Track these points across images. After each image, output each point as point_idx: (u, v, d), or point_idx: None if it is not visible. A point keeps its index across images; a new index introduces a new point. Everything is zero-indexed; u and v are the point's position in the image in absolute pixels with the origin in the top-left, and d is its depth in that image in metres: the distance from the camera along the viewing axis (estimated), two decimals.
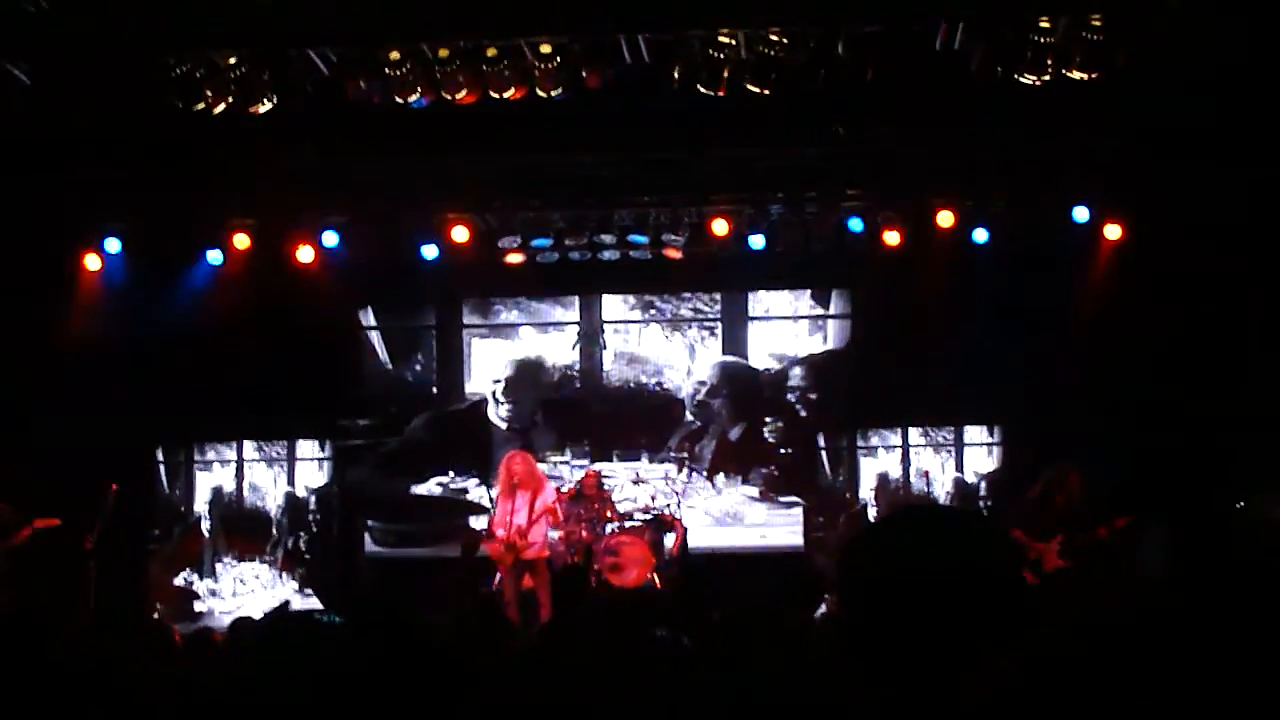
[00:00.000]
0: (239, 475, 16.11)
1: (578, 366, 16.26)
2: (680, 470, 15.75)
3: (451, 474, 15.76)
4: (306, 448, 16.16)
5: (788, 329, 16.26)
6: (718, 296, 16.17)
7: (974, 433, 15.88)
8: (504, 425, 15.99)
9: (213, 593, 15.77)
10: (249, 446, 16.21)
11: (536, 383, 16.05)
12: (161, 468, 16.14)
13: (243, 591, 15.72)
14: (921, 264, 15.02)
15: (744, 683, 3.63)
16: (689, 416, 15.98)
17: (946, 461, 15.85)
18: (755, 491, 15.85)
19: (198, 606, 15.70)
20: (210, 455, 16.18)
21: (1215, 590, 3.31)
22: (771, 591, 13.56)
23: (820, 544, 15.56)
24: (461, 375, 16.17)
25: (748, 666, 4.03)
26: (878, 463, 15.90)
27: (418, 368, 16.22)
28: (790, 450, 15.92)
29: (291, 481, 16.04)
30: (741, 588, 14.76)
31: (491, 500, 14.54)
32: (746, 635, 6.32)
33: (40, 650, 3.53)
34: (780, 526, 15.79)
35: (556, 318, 16.26)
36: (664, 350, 16.29)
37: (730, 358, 16.07)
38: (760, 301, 16.36)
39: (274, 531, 15.91)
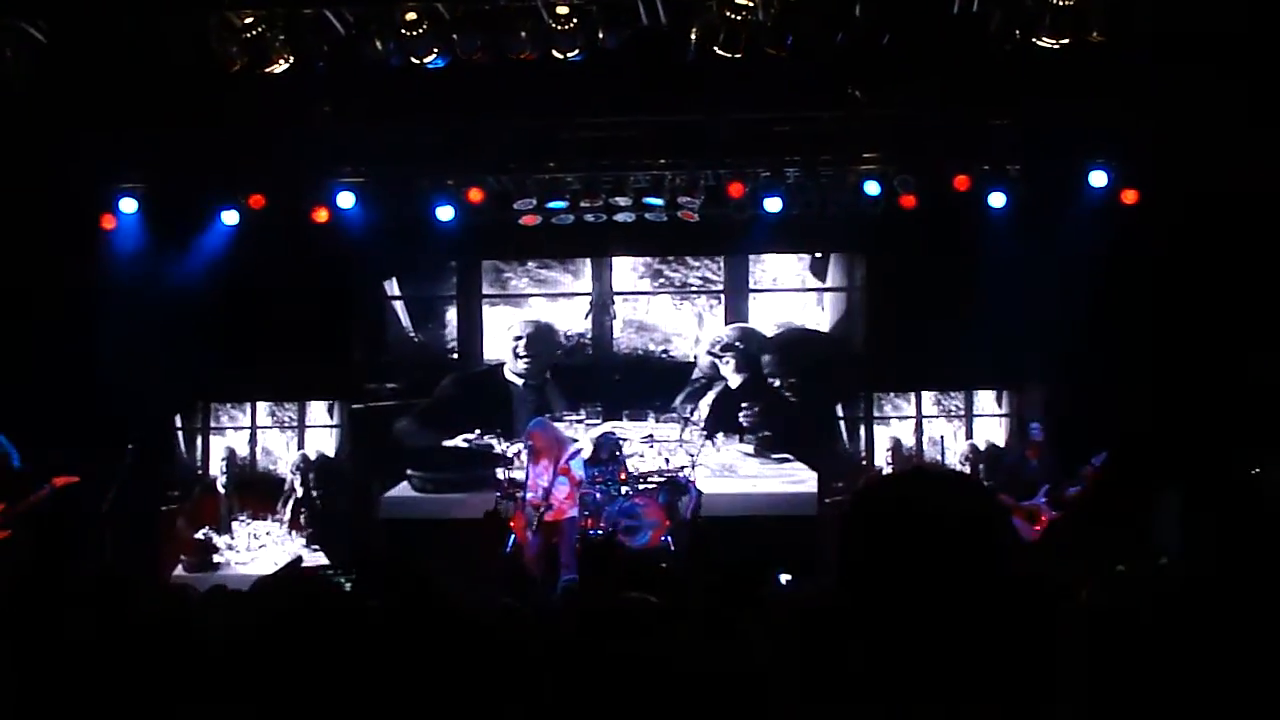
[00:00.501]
0: (252, 440, 16.17)
1: (589, 335, 16.35)
2: (685, 429, 15.81)
3: (478, 431, 15.92)
4: (318, 412, 16.20)
5: (790, 299, 16.23)
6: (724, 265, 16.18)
7: (985, 401, 15.83)
8: (520, 381, 16.09)
9: (230, 547, 15.87)
10: (262, 411, 16.25)
11: (550, 342, 16.24)
12: (179, 432, 16.18)
13: (255, 546, 15.82)
14: (937, 228, 14.99)
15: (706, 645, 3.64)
16: (695, 374, 16.00)
17: (959, 430, 15.82)
18: (750, 448, 15.90)
19: (215, 559, 15.80)
20: (224, 420, 16.22)
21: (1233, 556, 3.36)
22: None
23: (838, 508, 15.57)
24: (480, 341, 16.25)
25: (727, 629, 4.03)
26: (890, 430, 15.88)
27: (439, 335, 16.29)
28: (794, 405, 15.96)
29: (302, 444, 16.12)
30: (753, 553, 14.91)
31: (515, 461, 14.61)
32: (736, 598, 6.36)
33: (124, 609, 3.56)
34: (772, 479, 15.93)
35: (568, 288, 16.28)
36: (673, 318, 16.37)
37: (739, 324, 16.11)
38: (765, 271, 16.33)
39: (285, 491, 16.00)
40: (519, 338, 16.21)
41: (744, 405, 16.06)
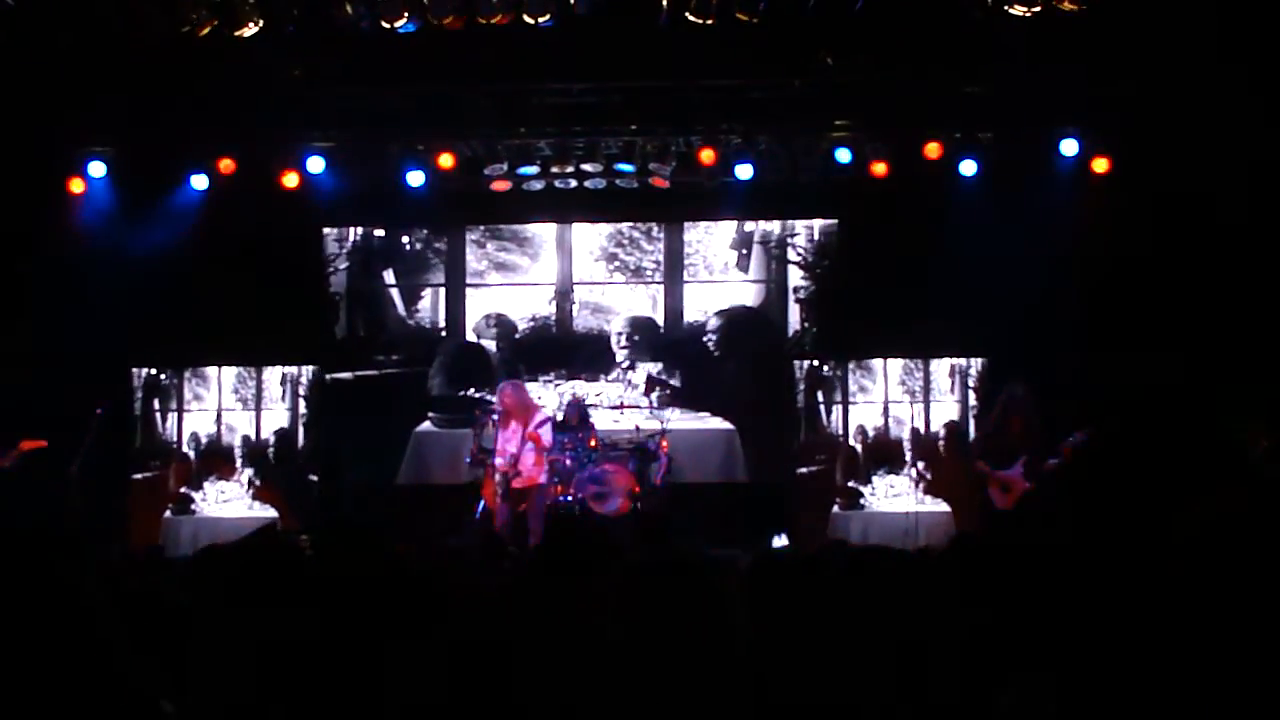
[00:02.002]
0: (218, 418, 16.18)
1: (553, 318, 16.63)
2: (627, 390, 16.15)
3: (471, 389, 16.32)
4: (275, 383, 16.24)
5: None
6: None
7: (942, 377, 15.84)
8: (494, 348, 16.48)
9: (203, 499, 15.89)
10: (227, 382, 16.22)
11: (510, 324, 16.69)
12: (148, 398, 16.11)
13: (222, 500, 15.88)
14: (908, 195, 15.01)
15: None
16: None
17: (917, 405, 15.86)
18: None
19: (193, 507, 15.88)
20: (189, 396, 16.17)
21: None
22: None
23: (809, 480, 15.58)
24: (463, 321, 16.67)
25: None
26: (857, 410, 15.90)
27: (425, 316, 16.74)
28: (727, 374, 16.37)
29: (259, 417, 16.19)
30: (720, 518, 15.02)
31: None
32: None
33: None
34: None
35: (527, 272, 16.63)
36: (627, 300, 16.68)
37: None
38: (696, 259, 16.59)
39: (241, 461, 16.07)
40: (488, 315, 16.65)
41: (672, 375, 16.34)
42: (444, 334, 16.65)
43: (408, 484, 16.07)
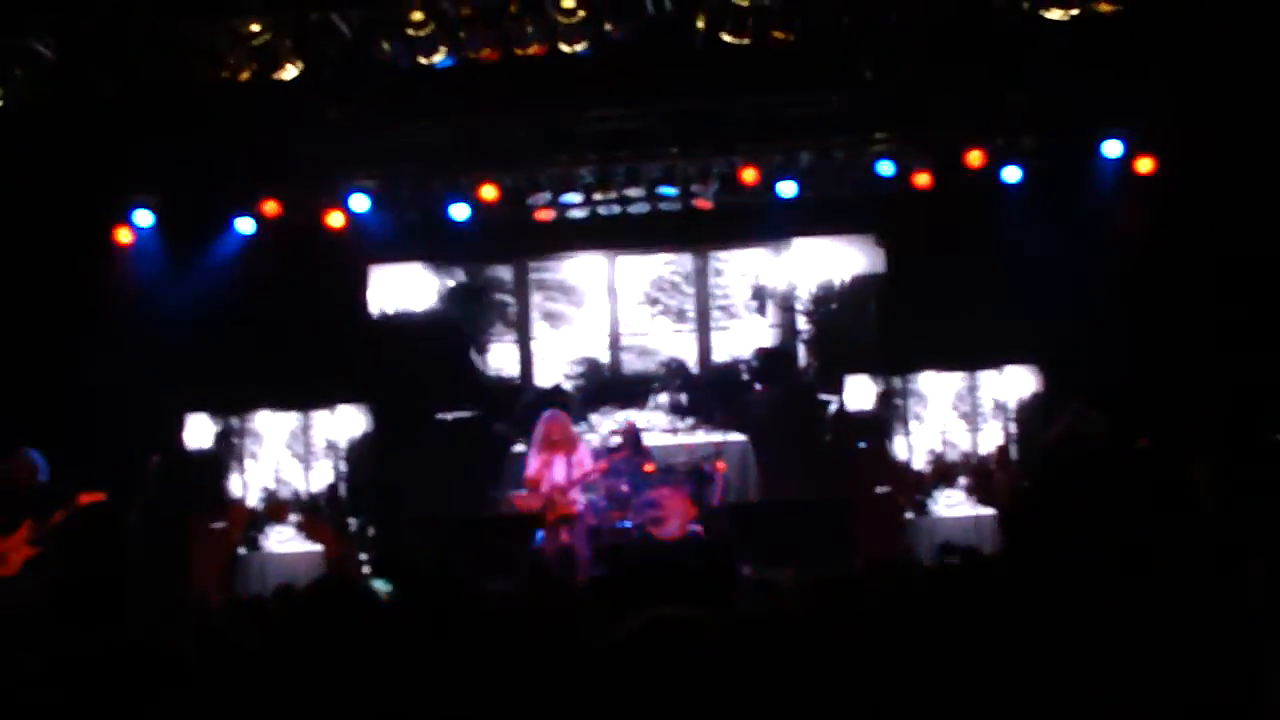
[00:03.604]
0: (269, 467, 16.17)
1: (606, 361, 17.05)
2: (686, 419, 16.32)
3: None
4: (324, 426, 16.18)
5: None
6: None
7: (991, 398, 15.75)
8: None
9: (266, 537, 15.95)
10: (279, 436, 16.16)
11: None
12: (201, 444, 16.10)
13: (287, 538, 15.91)
14: (953, 205, 14.93)
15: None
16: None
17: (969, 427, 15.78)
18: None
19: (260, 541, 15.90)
20: (246, 448, 16.14)
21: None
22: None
23: (877, 500, 15.44)
24: (532, 369, 17.02)
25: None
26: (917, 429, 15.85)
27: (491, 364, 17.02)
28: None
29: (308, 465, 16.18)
30: (780, 540, 14.90)
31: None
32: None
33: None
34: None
35: (582, 324, 17.03)
36: (671, 343, 17.10)
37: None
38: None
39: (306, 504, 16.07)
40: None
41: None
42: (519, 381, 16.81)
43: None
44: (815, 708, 3.61)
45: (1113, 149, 14.65)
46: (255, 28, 11.96)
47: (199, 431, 15.94)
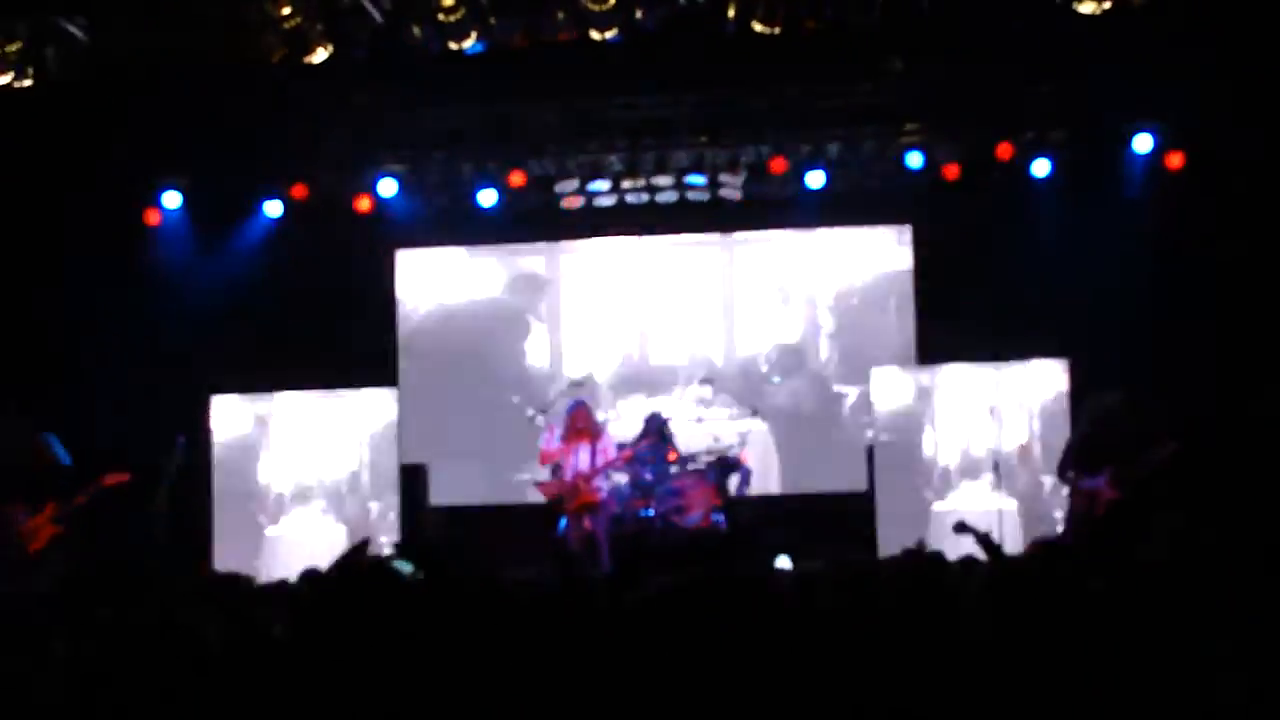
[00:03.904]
0: (294, 452, 16.18)
1: (632, 352, 16.70)
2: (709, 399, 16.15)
3: None
4: (348, 411, 16.20)
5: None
6: None
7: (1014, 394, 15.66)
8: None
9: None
10: (304, 422, 16.18)
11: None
12: (226, 427, 16.14)
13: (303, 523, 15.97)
14: (982, 197, 14.89)
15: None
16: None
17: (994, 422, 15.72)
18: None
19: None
20: (270, 433, 16.16)
21: None
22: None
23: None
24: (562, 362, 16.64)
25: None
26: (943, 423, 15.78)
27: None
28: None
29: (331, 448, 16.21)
30: (801, 529, 14.88)
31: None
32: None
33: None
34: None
35: (609, 316, 16.65)
36: (697, 332, 16.72)
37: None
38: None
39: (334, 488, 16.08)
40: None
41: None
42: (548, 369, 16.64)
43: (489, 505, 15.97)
44: (834, 700, 3.59)
45: (1143, 144, 14.58)
46: (286, 10, 11.97)
47: (225, 413, 15.98)
